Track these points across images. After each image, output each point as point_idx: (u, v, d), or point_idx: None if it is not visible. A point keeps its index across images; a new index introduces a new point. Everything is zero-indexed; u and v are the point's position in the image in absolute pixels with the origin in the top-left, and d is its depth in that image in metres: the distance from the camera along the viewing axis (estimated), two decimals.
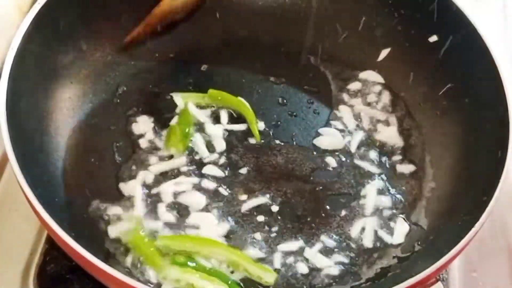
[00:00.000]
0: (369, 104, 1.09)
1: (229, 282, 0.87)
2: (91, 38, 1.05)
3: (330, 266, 0.92)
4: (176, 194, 0.96)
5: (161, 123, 1.04)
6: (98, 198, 0.94)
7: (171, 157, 1.00)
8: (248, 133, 1.04)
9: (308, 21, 1.15)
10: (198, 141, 1.01)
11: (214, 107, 1.06)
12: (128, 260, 0.88)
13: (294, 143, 1.04)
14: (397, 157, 1.03)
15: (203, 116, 1.04)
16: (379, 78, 1.11)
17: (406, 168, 1.02)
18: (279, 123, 1.06)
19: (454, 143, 1.01)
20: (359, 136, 1.05)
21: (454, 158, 1.00)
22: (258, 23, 1.16)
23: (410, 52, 1.09)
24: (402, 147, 1.05)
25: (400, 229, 0.96)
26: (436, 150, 1.03)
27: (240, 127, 1.04)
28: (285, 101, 1.09)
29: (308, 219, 0.96)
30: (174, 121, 1.03)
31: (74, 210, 0.93)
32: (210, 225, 0.93)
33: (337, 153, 1.03)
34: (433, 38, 1.05)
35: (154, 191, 0.96)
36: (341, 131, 1.05)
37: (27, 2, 1.20)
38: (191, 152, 1.00)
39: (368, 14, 1.12)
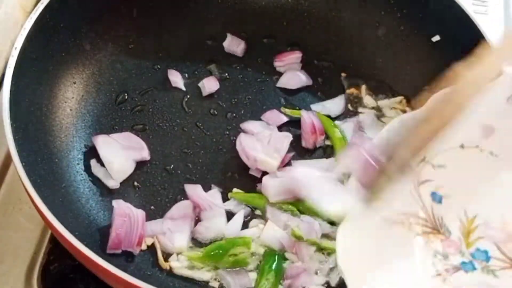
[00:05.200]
0: (371, 103, 1.09)
1: None
2: (94, 38, 1.06)
3: None
4: None
5: None
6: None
7: None
8: None
9: (310, 20, 1.16)
10: None
11: None
12: None
13: None
14: None
15: None
16: (381, 77, 1.11)
17: None
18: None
19: None
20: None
21: None
22: (260, 23, 1.16)
23: (413, 51, 1.09)
24: None
25: None
26: None
27: None
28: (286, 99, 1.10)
29: None
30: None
31: (78, 209, 0.93)
32: None
33: None
34: (436, 38, 1.05)
35: None
36: None
37: (31, 2, 1.20)
38: None
39: (370, 13, 1.12)
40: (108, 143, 0.98)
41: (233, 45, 1.13)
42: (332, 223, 0.93)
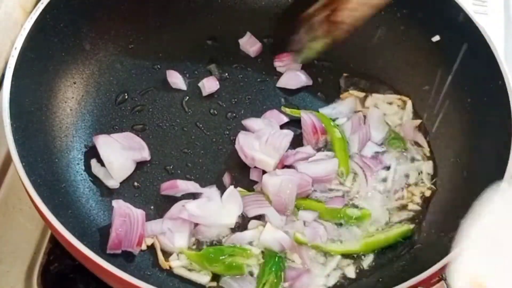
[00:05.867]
0: (373, 104, 1.09)
1: None
2: (94, 38, 1.06)
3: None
4: None
5: None
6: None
7: None
8: None
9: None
10: None
11: None
12: None
13: None
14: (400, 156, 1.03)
15: None
16: (381, 77, 1.11)
17: (408, 167, 1.02)
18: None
19: (456, 142, 1.01)
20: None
21: (456, 156, 1.00)
22: (260, 23, 1.16)
23: (413, 51, 1.09)
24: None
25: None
26: (439, 149, 1.03)
27: None
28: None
29: None
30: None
31: (78, 209, 0.93)
32: None
33: None
34: (436, 38, 1.05)
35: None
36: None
37: (31, 2, 1.20)
38: None
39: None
40: (109, 143, 0.98)
41: (248, 44, 1.14)
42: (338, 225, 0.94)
